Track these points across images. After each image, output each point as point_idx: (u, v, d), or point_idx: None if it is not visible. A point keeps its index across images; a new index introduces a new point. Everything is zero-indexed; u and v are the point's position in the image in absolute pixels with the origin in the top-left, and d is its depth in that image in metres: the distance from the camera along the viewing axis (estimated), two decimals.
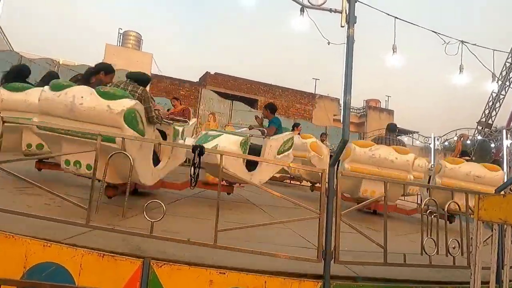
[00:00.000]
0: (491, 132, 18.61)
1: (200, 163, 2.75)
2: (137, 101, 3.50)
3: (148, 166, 3.79)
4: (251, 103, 23.08)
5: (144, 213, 2.63)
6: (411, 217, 6.38)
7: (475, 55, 4.57)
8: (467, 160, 7.39)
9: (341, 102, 2.95)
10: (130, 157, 2.79)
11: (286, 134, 5.49)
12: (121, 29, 23.63)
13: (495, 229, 2.19)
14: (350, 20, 2.76)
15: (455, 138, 18.87)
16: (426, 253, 3.03)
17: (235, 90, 23.55)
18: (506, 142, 12.69)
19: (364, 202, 3.35)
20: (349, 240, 3.03)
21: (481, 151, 19.74)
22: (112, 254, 2.56)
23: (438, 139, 18.68)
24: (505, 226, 2.24)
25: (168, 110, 6.84)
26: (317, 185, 6.81)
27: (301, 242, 3.65)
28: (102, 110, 3.31)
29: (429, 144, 24.05)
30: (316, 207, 2.82)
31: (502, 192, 2.95)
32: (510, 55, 19.25)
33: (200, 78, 24.37)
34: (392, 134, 6.39)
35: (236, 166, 4.26)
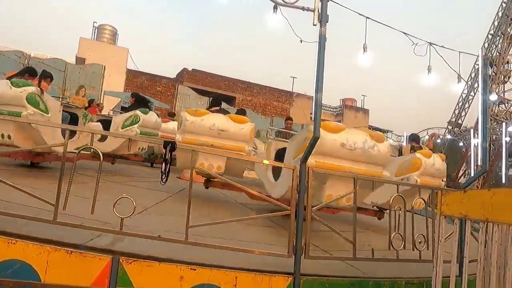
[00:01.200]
0: (460, 131, 19.31)
1: (171, 158, 2.73)
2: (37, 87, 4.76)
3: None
4: (229, 100, 23.02)
5: (113, 209, 2.60)
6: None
7: (442, 57, 4.72)
8: None
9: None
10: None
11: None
12: (96, 22, 23.08)
13: (456, 224, 2.28)
14: (323, 18, 2.80)
15: (427, 137, 19.46)
16: (393, 248, 3.12)
17: (213, 87, 23.45)
18: (473, 141, 13.21)
19: (329, 202, 3.40)
20: (321, 238, 3.09)
21: (451, 149, 20.45)
22: (80, 251, 2.52)
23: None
24: (465, 220, 2.34)
25: None
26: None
27: (273, 239, 3.69)
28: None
29: (402, 142, 24.66)
30: None
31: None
32: (478, 58, 19.96)
33: (177, 75, 24.12)
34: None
35: None
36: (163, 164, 2.77)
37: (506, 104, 19.36)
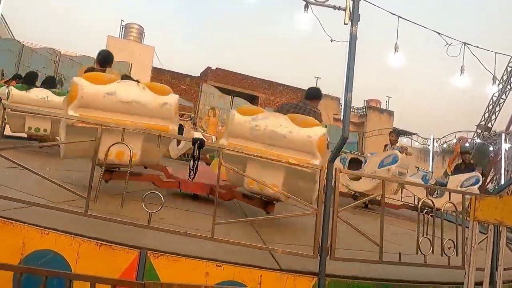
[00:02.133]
0: (490, 135, 18.64)
1: (199, 156, 2.75)
2: None
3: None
4: (252, 99, 23.09)
5: (142, 204, 2.65)
6: (400, 214, 6.42)
7: (477, 57, 4.57)
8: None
9: (342, 100, 2.95)
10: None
11: None
12: (123, 21, 23.54)
13: (490, 230, 2.20)
14: (354, 18, 2.76)
15: (454, 141, 18.95)
16: (421, 253, 3.05)
17: (236, 86, 23.55)
18: (504, 146, 12.74)
19: (361, 200, 3.36)
20: (346, 238, 3.05)
21: (480, 154, 19.82)
22: (110, 244, 2.58)
23: (437, 141, 18.74)
24: (500, 227, 2.26)
25: None
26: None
27: (300, 240, 3.67)
28: None
29: (428, 146, 24.07)
30: None
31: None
32: (511, 59, 19.28)
33: (201, 73, 24.34)
34: (313, 101, 4.50)
35: None
36: (191, 160, 2.79)
37: None
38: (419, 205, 3.12)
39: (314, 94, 4.51)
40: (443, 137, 20.70)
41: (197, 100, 18.63)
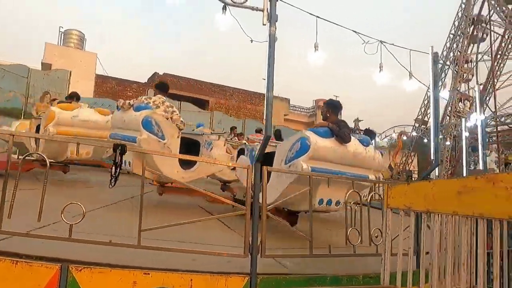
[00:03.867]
0: (426, 128, 19.88)
1: (122, 162, 2.67)
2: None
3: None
4: (202, 104, 22.89)
5: (62, 215, 2.52)
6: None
7: (392, 55, 4.85)
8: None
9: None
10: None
11: None
12: (62, 27, 22.47)
13: (411, 216, 2.33)
14: (272, 18, 2.82)
15: (393, 135, 19.99)
16: (350, 243, 3.17)
17: (185, 91, 23.23)
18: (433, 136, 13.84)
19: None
20: (278, 236, 3.11)
21: (420, 147, 21.09)
22: (27, 261, 2.43)
23: (378, 136, 19.66)
24: (421, 213, 2.40)
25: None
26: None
27: (232, 240, 3.67)
28: None
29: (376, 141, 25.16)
30: None
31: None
32: (443, 57, 20.74)
33: (148, 79, 23.77)
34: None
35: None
36: (113, 167, 2.71)
37: (468, 101, 20.11)
38: (346, 197, 3.24)
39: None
40: (383, 132, 21.79)
41: None
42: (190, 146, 5.36)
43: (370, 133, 6.44)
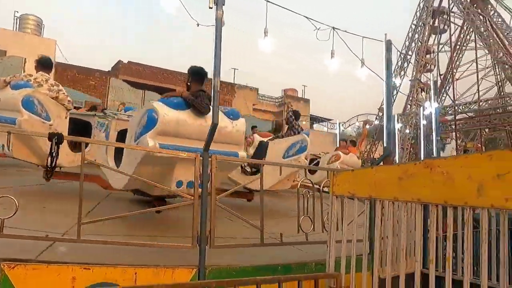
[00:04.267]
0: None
1: (58, 153, 2.51)
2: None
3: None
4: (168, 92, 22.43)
5: None
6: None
7: (344, 42, 4.86)
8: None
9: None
10: None
11: None
12: (18, 12, 21.24)
13: (364, 204, 2.32)
14: (218, 1, 2.71)
15: (357, 124, 20.46)
16: (302, 231, 3.16)
17: (150, 80, 22.68)
18: (397, 126, 14.11)
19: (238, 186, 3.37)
20: (229, 228, 3.05)
21: (383, 134, 21.66)
22: None
23: (343, 125, 20.01)
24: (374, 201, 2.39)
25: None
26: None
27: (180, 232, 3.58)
28: None
29: (342, 130, 25.60)
30: None
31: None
32: (404, 46, 21.32)
33: (112, 68, 23.01)
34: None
35: None
36: (49, 158, 2.54)
37: (427, 91, 20.80)
38: (298, 185, 3.21)
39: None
40: (347, 121, 22.22)
41: (106, 96, 17.57)
42: (80, 127, 4.92)
43: (295, 113, 6.29)
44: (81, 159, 2.54)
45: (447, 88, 22.63)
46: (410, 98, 20.86)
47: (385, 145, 3.68)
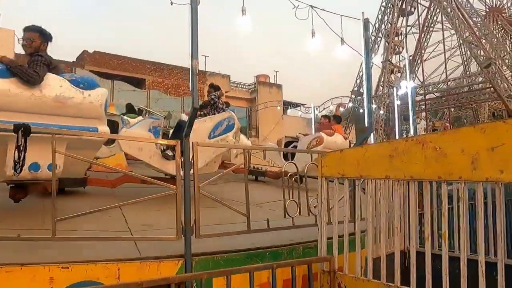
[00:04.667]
0: (362, 99, 20.60)
1: (26, 146, 2.31)
2: None
3: None
4: (139, 83, 21.81)
5: None
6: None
7: (324, 20, 4.76)
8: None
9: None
10: None
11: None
12: None
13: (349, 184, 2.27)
14: None
15: (331, 107, 20.62)
16: (289, 215, 3.10)
17: (119, 70, 21.92)
18: (372, 107, 14.43)
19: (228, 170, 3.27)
20: (214, 217, 2.94)
21: (356, 116, 21.98)
22: None
23: (317, 109, 20.14)
24: (356, 180, 2.34)
25: None
26: None
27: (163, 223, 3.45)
28: None
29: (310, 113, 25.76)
30: None
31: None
32: (374, 28, 21.52)
33: (77, 58, 22.05)
34: None
35: None
36: (16, 151, 2.34)
37: (399, 72, 21.18)
38: (283, 169, 3.14)
39: None
40: (322, 104, 22.37)
41: None
42: None
43: (214, 87, 5.79)
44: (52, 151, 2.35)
45: (416, 69, 23.10)
46: (382, 80, 21.18)
47: (366, 124, 3.65)
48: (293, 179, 3.20)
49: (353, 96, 22.45)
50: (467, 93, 20.52)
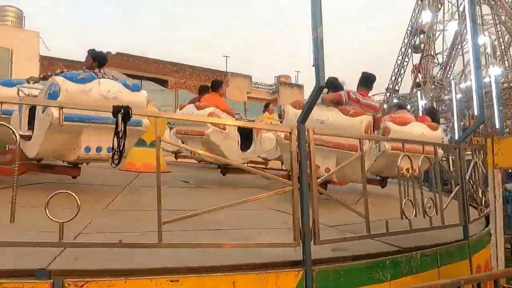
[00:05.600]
0: (403, 96, 19.74)
1: (126, 130, 1.91)
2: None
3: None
4: (161, 83, 21.63)
5: (46, 211, 1.75)
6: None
7: None
8: None
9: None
10: None
11: None
12: None
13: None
14: None
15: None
16: (406, 217, 2.64)
17: (142, 71, 21.80)
18: (421, 103, 13.63)
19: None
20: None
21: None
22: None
23: None
24: None
25: None
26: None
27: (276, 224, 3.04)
28: None
29: None
30: None
31: None
32: (409, 23, 20.81)
33: None
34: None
35: None
36: (115, 138, 1.94)
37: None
38: (399, 163, 2.68)
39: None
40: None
41: None
42: None
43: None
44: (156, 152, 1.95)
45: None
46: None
47: (476, 113, 3.17)
48: (408, 175, 2.74)
49: (388, 94, 21.70)
50: None
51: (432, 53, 20.13)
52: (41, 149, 3.34)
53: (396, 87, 20.35)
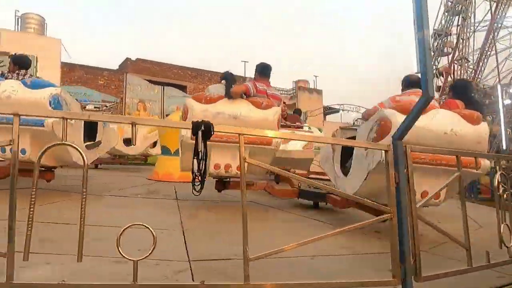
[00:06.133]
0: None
1: (206, 150, 1.62)
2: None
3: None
4: (180, 89, 21.52)
5: (118, 247, 1.47)
6: None
7: None
8: None
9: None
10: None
11: None
12: (18, 11, 20.21)
13: None
14: None
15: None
16: (505, 246, 2.30)
17: (160, 77, 21.74)
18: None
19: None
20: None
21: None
22: None
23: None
24: None
25: None
26: None
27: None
28: None
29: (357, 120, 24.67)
30: None
31: None
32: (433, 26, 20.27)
33: (120, 66, 22.03)
34: None
35: None
36: (194, 160, 1.66)
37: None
38: (496, 180, 2.33)
39: None
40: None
41: (121, 95, 16.61)
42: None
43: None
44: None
45: None
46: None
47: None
48: (504, 195, 2.39)
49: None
50: None
51: (465, 55, 19.53)
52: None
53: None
